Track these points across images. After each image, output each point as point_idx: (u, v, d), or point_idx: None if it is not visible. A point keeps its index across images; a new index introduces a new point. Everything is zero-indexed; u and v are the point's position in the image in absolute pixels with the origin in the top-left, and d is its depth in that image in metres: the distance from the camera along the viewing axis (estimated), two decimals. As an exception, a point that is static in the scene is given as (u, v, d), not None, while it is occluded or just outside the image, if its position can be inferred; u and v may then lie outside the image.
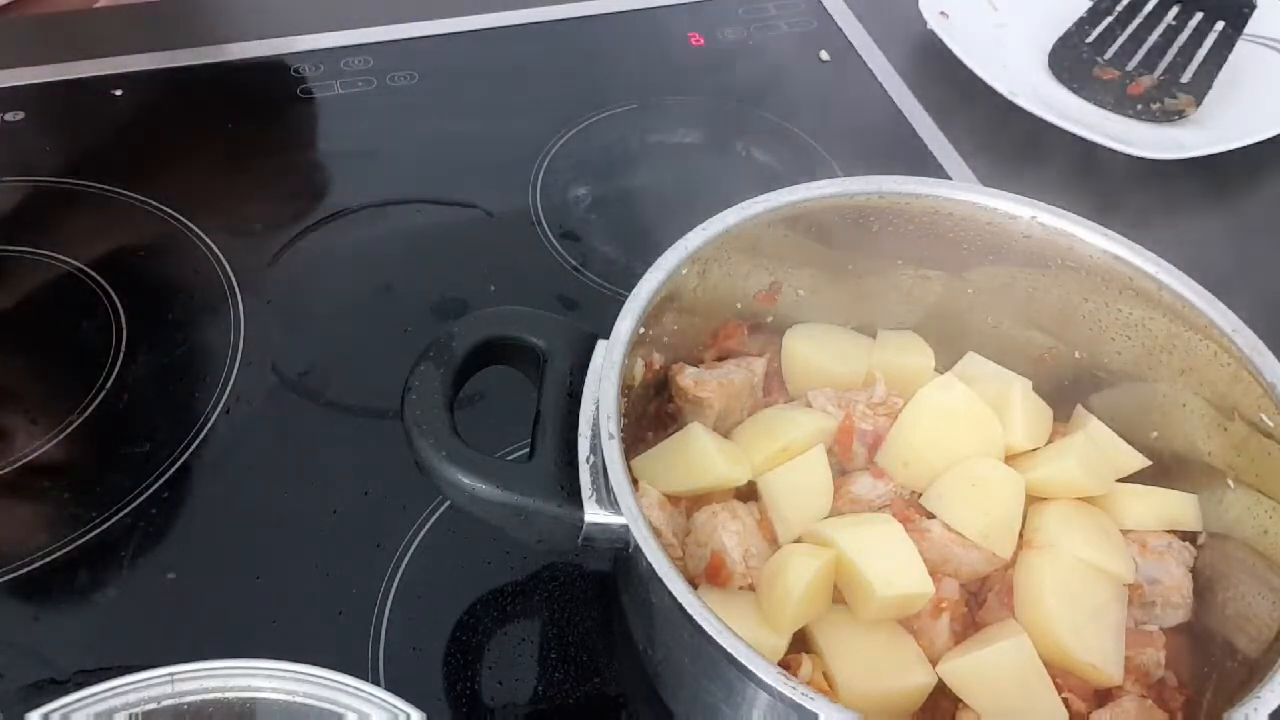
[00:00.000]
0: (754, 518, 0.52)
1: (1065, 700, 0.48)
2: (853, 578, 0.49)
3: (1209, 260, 0.55)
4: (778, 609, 0.48)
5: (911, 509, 0.53)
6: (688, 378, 0.56)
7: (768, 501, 0.53)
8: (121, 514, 0.58)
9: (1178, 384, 0.55)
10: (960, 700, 0.48)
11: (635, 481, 0.48)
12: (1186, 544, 0.54)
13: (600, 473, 0.46)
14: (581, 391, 0.49)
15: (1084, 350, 0.58)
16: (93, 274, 0.69)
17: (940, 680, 0.48)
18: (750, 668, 0.40)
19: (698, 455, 0.52)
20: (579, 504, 0.46)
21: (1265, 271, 0.75)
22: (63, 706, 0.46)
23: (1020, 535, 0.52)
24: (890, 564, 0.48)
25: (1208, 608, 0.52)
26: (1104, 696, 0.49)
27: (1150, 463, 0.56)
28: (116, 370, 0.64)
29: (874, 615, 0.48)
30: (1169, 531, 0.54)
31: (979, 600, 0.52)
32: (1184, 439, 0.55)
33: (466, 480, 0.46)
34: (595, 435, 0.47)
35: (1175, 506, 0.54)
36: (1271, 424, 0.50)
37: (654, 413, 0.57)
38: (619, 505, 0.45)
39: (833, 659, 0.48)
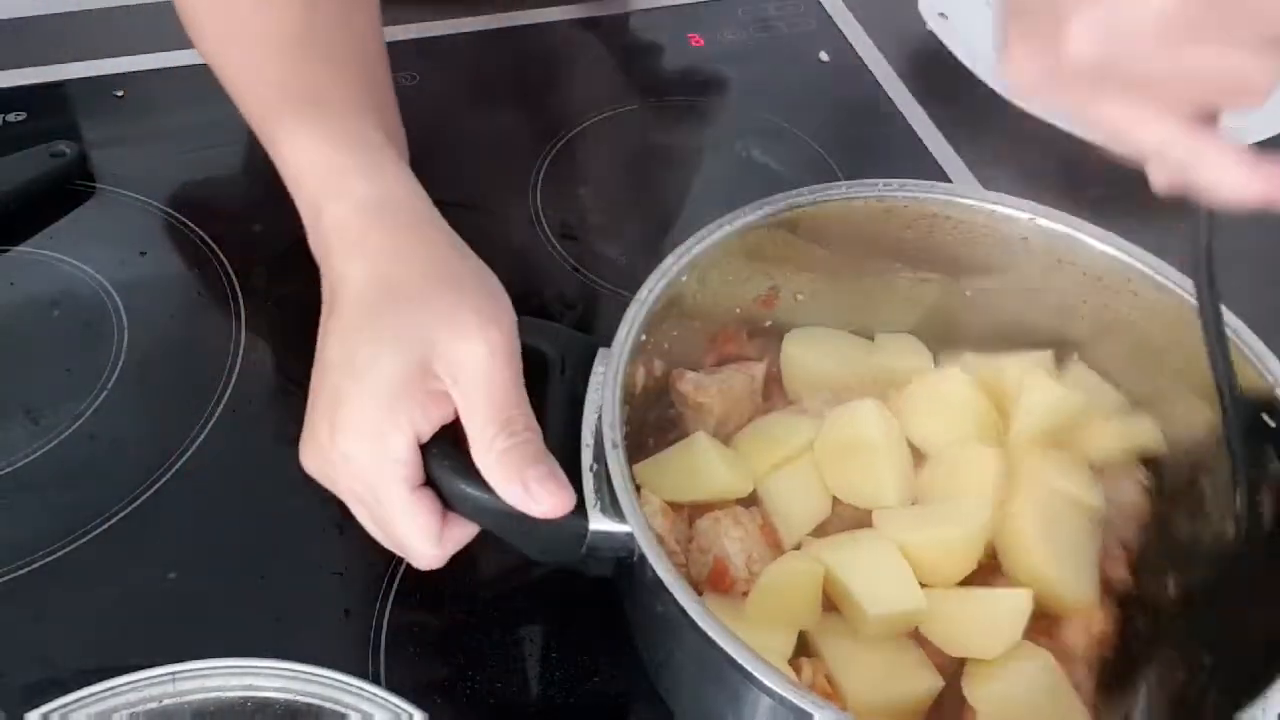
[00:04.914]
0: (756, 523, 0.52)
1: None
2: (845, 598, 0.49)
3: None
4: (767, 614, 0.48)
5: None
6: (688, 383, 0.56)
7: (768, 506, 0.53)
8: (122, 514, 0.58)
9: (1178, 383, 0.55)
10: (965, 703, 0.48)
11: (638, 489, 0.48)
12: (1142, 466, 0.55)
13: (604, 481, 0.46)
14: (583, 400, 0.49)
15: (1083, 351, 0.58)
16: (93, 274, 0.69)
17: (945, 684, 0.48)
18: (756, 674, 0.40)
19: (702, 466, 0.52)
20: (583, 513, 0.46)
21: (1265, 271, 0.75)
22: (62, 706, 0.47)
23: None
24: (880, 583, 0.49)
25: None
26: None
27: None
28: (118, 370, 0.65)
29: (871, 633, 0.49)
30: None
31: None
32: (1184, 439, 0.55)
33: (470, 490, 0.46)
34: (598, 444, 0.47)
35: (1139, 434, 0.55)
36: (1272, 424, 0.50)
37: (655, 419, 0.57)
38: (623, 514, 0.45)
39: (837, 666, 0.48)
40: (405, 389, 0.45)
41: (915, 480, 0.54)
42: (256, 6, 0.56)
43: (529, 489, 0.45)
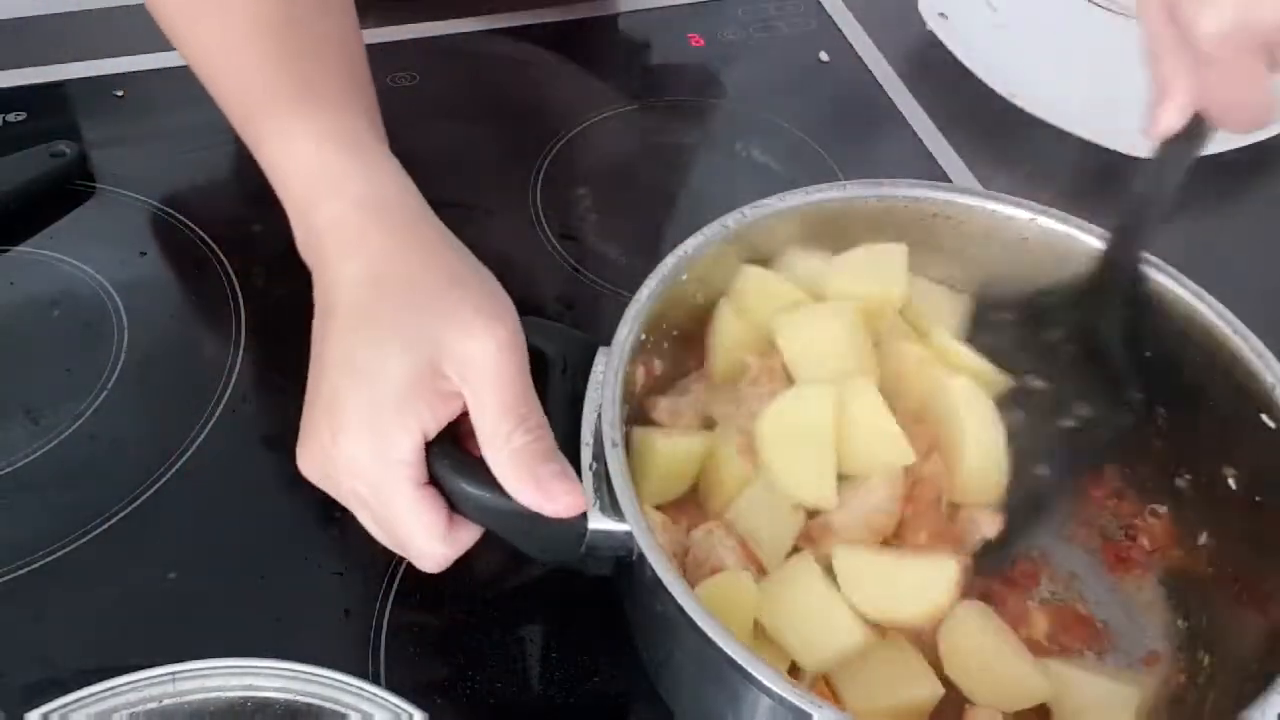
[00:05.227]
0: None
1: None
2: (782, 641, 0.48)
3: (1209, 260, 0.55)
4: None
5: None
6: (662, 411, 0.55)
7: (742, 532, 0.51)
8: (122, 514, 0.58)
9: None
10: (967, 702, 0.48)
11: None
12: None
13: (604, 480, 0.46)
14: (583, 399, 0.49)
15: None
16: (93, 274, 0.69)
17: (945, 688, 0.48)
18: (756, 674, 0.40)
19: (656, 451, 0.52)
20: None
21: (1265, 271, 0.75)
22: (62, 706, 0.47)
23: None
24: (810, 626, 0.48)
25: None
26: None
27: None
28: (118, 370, 0.65)
29: (811, 676, 0.48)
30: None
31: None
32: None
33: (471, 489, 0.46)
34: (598, 443, 0.47)
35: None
36: (1272, 425, 0.50)
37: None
38: (623, 513, 0.45)
39: (837, 673, 0.48)
40: (414, 389, 0.45)
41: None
42: (243, 5, 0.55)
43: (543, 487, 0.45)
